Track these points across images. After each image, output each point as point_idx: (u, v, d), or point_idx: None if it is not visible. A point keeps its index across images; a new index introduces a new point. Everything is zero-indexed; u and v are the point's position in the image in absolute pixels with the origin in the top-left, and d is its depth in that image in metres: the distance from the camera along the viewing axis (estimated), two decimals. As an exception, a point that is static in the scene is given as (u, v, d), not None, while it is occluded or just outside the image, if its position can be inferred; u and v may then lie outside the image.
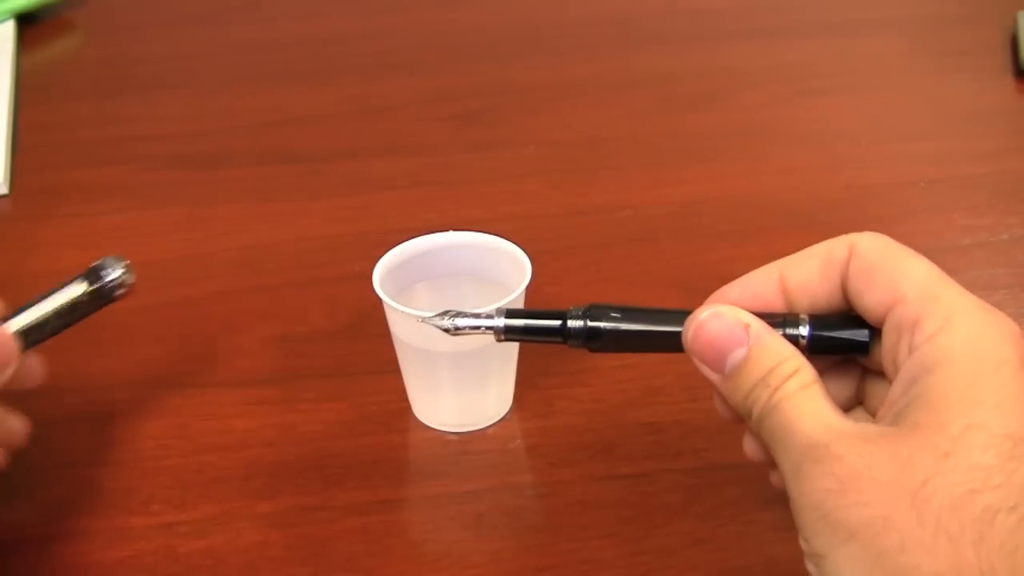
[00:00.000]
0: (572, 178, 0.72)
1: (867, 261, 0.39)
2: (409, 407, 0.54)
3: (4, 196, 0.73)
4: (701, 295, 0.43)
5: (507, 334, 0.43)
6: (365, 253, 0.53)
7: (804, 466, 0.35)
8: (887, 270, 0.39)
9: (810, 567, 0.36)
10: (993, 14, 0.87)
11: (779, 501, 0.39)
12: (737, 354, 0.39)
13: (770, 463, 0.39)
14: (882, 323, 0.39)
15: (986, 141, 0.75)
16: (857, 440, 0.35)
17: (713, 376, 0.40)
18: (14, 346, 0.47)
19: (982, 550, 0.33)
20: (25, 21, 0.95)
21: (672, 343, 0.41)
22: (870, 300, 0.39)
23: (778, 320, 0.40)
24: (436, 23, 0.95)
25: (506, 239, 0.53)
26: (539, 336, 0.44)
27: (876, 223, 0.66)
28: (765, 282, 0.41)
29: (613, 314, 0.42)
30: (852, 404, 0.42)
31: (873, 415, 0.41)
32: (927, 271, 0.39)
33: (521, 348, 0.52)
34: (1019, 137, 0.76)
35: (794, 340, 0.40)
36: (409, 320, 0.49)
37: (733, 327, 0.39)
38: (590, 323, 0.41)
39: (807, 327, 0.40)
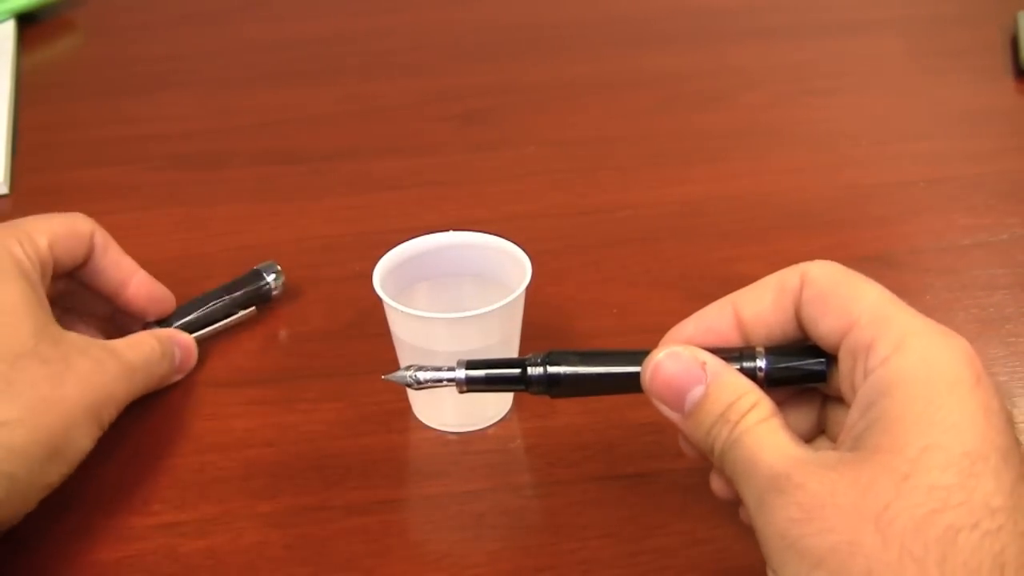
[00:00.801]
0: (573, 178, 0.72)
1: (819, 289, 0.40)
2: (409, 407, 0.54)
3: (4, 196, 0.73)
4: (702, 295, 0.43)
5: (469, 385, 0.43)
6: (365, 253, 0.53)
7: (767, 497, 0.36)
8: (840, 296, 0.39)
9: None
10: (993, 14, 0.87)
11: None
12: (695, 392, 0.39)
13: (737, 499, 0.39)
14: (838, 349, 0.39)
15: (986, 141, 0.75)
16: (818, 468, 0.36)
17: (673, 416, 0.40)
18: (195, 351, 0.57)
19: (947, 569, 0.33)
20: (25, 21, 0.95)
21: (634, 384, 0.41)
22: (824, 327, 0.39)
23: (735, 355, 0.40)
24: (436, 23, 0.95)
25: (506, 239, 0.53)
26: (501, 385, 0.44)
27: (876, 223, 0.67)
28: (720, 316, 0.42)
29: (572, 359, 0.42)
30: (815, 433, 0.42)
31: (835, 442, 0.41)
32: (879, 295, 0.39)
33: (521, 347, 0.52)
34: (1019, 137, 0.76)
35: (751, 373, 0.40)
36: (409, 320, 0.49)
37: (690, 365, 0.39)
38: (550, 369, 0.42)
39: (764, 360, 0.40)
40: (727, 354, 0.40)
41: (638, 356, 0.41)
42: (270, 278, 0.60)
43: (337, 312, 0.61)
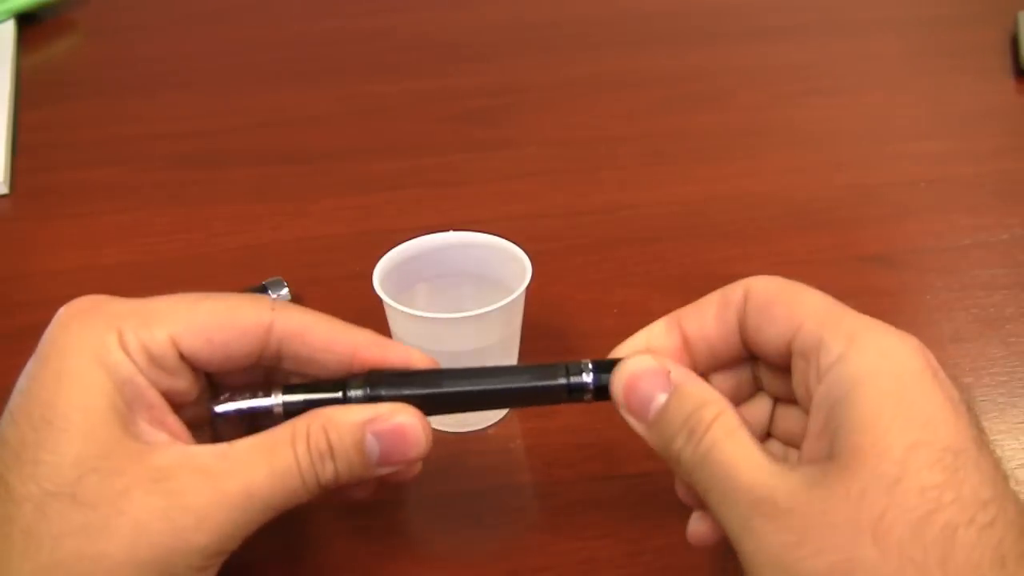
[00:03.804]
0: (573, 178, 0.72)
1: (763, 299, 0.40)
2: (409, 407, 0.54)
3: (4, 196, 0.73)
4: (702, 295, 0.43)
5: (287, 410, 0.41)
6: (365, 253, 0.53)
7: (754, 523, 0.35)
8: (784, 303, 0.39)
9: None
10: (993, 14, 0.88)
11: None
12: (659, 400, 0.39)
13: (700, 506, 0.40)
14: (785, 356, 0.39)
15: (986, 141, 0.75)
16: (803, 488, 0.34)
17: (639, 427, 0.40)
18: (419, 439, 0.41)
19: (949, 568, 0.32)
20: (25, 21, 0.95)
21: (461, 403, 0.41)
22: (769, 333, 0.39)
23: (561, 369, 0.41)
24: (436, 23, 0.95)
25: (506, 239, 0.53)
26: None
27: (876, 223, 0.67)
28: (666, 332, 0.42)
29: (393, 380, 0.41)
30: (763, 436, 0.42)
31: (785, 443, 0.42)
32: (822, 298, 0.39)
33: (521, 347, 0.52)
34: (1019, 137, 0.76)
35: (580, 388, 0.40)
36: (409, 320, 0.49)
37: (655, 374, 0.39)
38: (371, 391, 0.41)
39: (591, 374, 0.41)
40: (551, 370, 0.41)
41: (459, 374, 0.41)
42: (282, 293, 0.59)
43: (337, 312, 0.59)
